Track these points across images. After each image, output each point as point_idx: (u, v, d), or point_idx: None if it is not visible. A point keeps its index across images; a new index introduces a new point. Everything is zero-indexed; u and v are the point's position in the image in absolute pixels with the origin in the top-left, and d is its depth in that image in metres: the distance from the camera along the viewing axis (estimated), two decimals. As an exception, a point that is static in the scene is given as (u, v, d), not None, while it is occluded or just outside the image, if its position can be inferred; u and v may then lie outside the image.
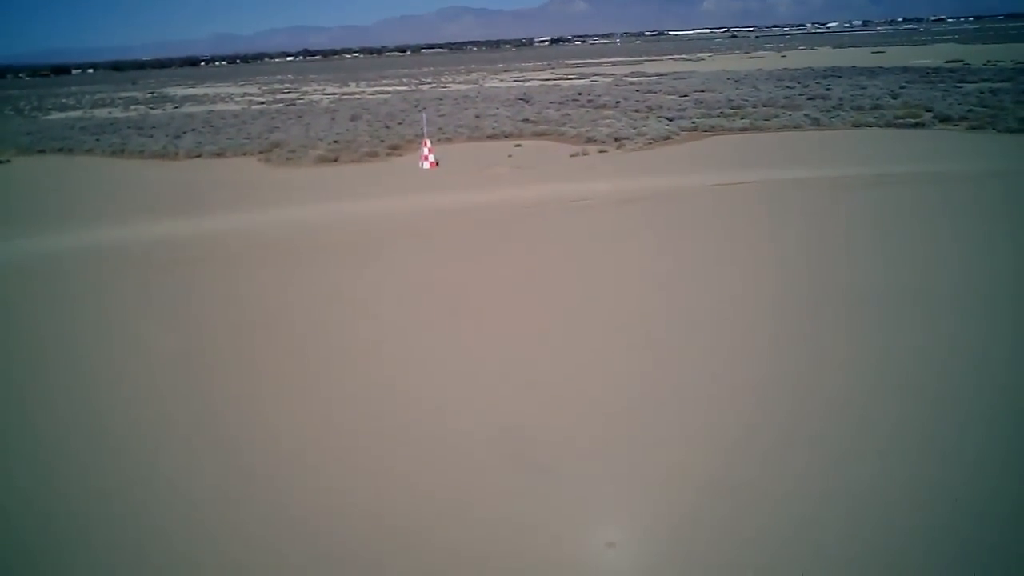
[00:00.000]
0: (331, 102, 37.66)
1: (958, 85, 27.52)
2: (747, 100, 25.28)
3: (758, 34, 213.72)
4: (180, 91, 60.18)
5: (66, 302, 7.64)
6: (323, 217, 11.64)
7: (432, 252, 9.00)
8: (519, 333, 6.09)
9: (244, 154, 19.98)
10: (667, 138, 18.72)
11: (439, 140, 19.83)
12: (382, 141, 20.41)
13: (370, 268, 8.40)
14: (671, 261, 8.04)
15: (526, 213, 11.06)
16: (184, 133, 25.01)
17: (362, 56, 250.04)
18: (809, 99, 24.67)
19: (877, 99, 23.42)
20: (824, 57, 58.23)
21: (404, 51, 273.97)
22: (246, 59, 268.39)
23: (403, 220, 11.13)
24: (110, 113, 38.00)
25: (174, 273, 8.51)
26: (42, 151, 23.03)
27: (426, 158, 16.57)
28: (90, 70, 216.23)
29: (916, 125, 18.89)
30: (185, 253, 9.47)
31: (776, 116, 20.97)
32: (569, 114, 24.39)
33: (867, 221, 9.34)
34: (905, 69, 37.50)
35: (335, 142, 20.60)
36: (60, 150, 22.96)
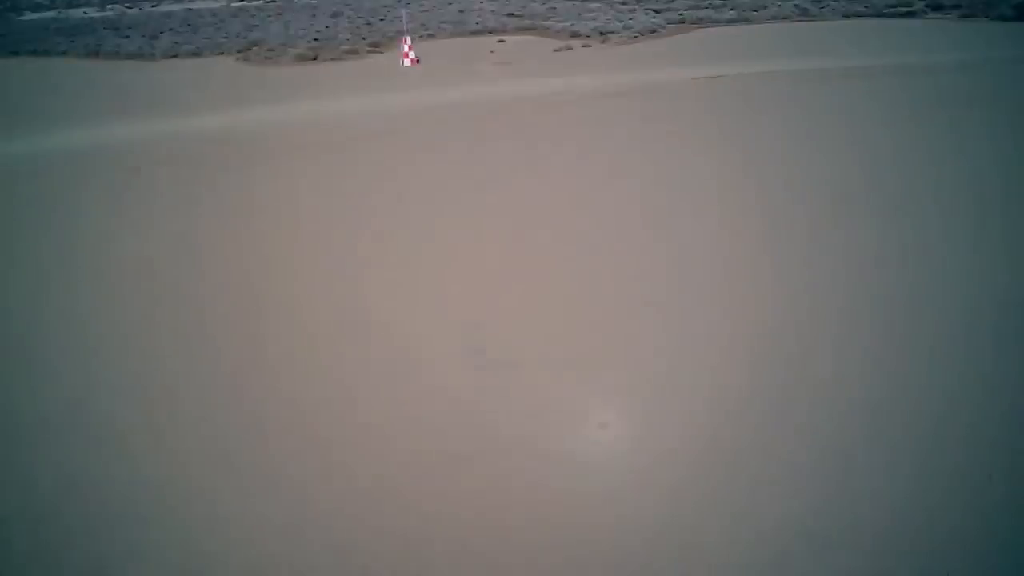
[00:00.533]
0: (312, -2, 36.27)
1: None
2: (739, -10, 24.47)
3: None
4: (156, -11, 57.55)
5: (42, 202, 7.81)
6: (301, 116, 11.62)
7: (408, 151, 9.09)
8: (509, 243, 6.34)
9: (222, 54, 19.56)
10: (653, 31, 18.33)
11: (421, 37, 19.39)
12: (363, 39, 19.94)
13: (349, 167, 8.53)
14: (645, 162, 8.18)
15: (506, 110, 11.07)
16: (161, 33, 24.32)
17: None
18: (802, -12, 23.91)
19: (872, -13, 22.72)
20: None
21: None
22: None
23: (382, 118, 11.13)
24: (85, 13, 36.66)
25: (150, 174, 8.63)
26: (15, 53, 22.47)
27: (406, 55, 16.30)
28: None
29: (907, 14, 18.51)
30: (160, 153, 9.55)
31: (765, 7, 20.45)
32: (555, 7, 23.70)
33: (853, 115, 9.36)
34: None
35: (315, 40, 20.13)
36: (34, 52, 22.39)
